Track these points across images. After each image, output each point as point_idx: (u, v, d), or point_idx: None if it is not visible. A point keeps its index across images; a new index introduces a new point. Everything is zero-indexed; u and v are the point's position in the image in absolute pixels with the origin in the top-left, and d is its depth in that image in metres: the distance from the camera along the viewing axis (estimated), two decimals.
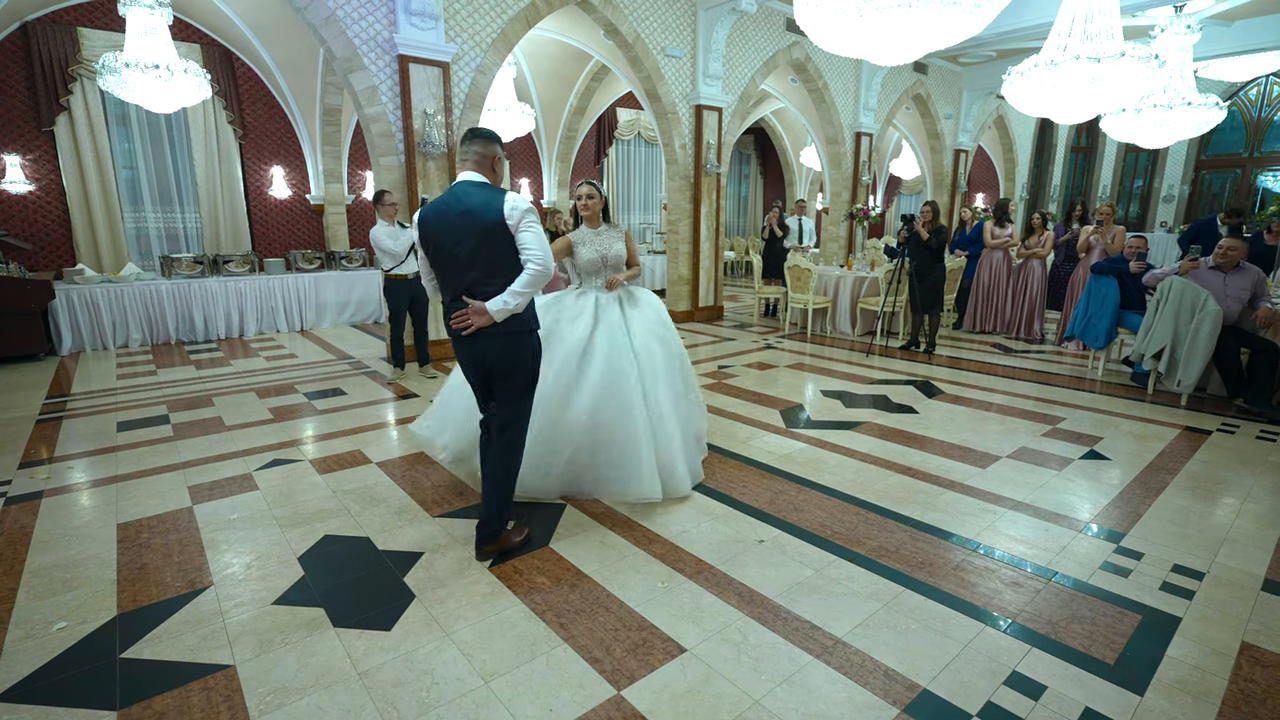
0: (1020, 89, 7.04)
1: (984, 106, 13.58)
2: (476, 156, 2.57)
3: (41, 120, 7.39)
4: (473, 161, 2.57)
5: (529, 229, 2.46)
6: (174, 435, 4.34)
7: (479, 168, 2.58)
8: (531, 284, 2.45)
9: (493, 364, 2.62)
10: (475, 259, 2.49)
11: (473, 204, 2.46)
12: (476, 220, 2.45)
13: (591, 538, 2.94)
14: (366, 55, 5.86)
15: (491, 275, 2.49)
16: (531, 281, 2.44)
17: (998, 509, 3.24)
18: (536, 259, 2.44)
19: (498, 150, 2.63)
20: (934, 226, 6.73)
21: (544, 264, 2.44)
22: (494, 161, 2.62)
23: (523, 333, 2.61)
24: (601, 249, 3.49)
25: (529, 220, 2.46)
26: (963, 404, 5.11)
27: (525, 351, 2.64)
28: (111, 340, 7.13)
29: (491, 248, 2.47)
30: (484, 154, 2.58)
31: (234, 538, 2.95)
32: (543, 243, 2.47)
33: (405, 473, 3.70)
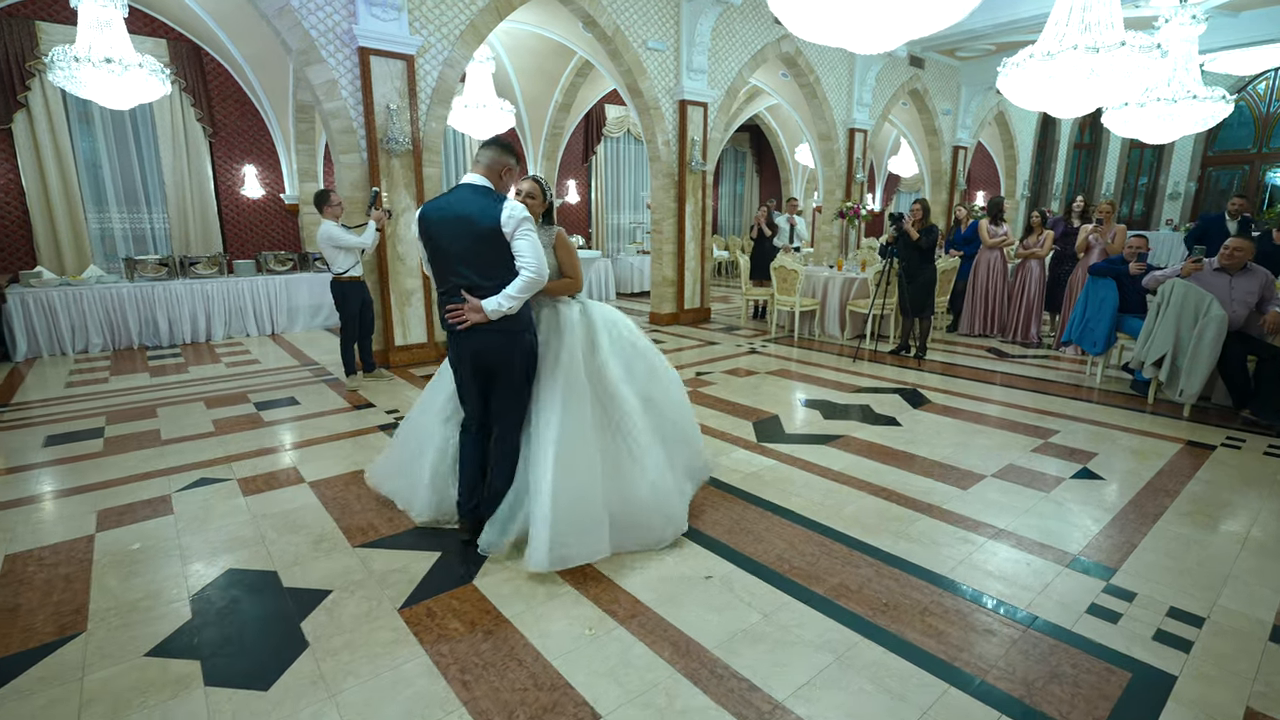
0: (1016, 81, 6.72)
1: (983, 102, 13.23)
2: (488, 161, 2.63)
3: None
4: (483, 166, 2.63)
5: (524, 237, 2.50)
6: (102, 451, 4.08)
7: (487, 173, 2.62)
8: (525, 289, 2.52)
9: (488, 360, 2.67)
10: (470, 260, 2.56)
11: (471, 210, 2.52)
12: (473, 226, 2.51)
13: (521, 574, 2.65)
14: (324, 47, 5.57)
15: (486, 277, 2.56)
16: (525, 287, 2.52)
17: (976, 538, 2.93)
18: (530, 267, 2.51)
19: (512, 163, 2.67)
20: (924, 225, 6.42)
21: (537, 271, 2.52)
22: (504, 170, 2.65)
23: (517, 332, 2.66)
24: None
25: (524, 229, 2.50)
26: (950, 415, 4.81)
27: (520, 350, 2.69)
28: (70, 346, 6.88)
29: (486, 252, 2.53)
30: (496, 161, 2.63)
31: (127, 572, 2.67)
32: (537, 251, 2.52)
33: (338, 494, 3.42)
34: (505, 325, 2.61)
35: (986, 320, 7.87)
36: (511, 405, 2.78)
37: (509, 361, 2.68)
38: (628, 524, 2.75)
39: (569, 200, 12.70)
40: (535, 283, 2.52)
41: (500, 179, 2.65)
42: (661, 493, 2.87)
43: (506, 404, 2.77)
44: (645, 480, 2.84)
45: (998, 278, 7.74)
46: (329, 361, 6.57)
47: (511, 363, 2.69)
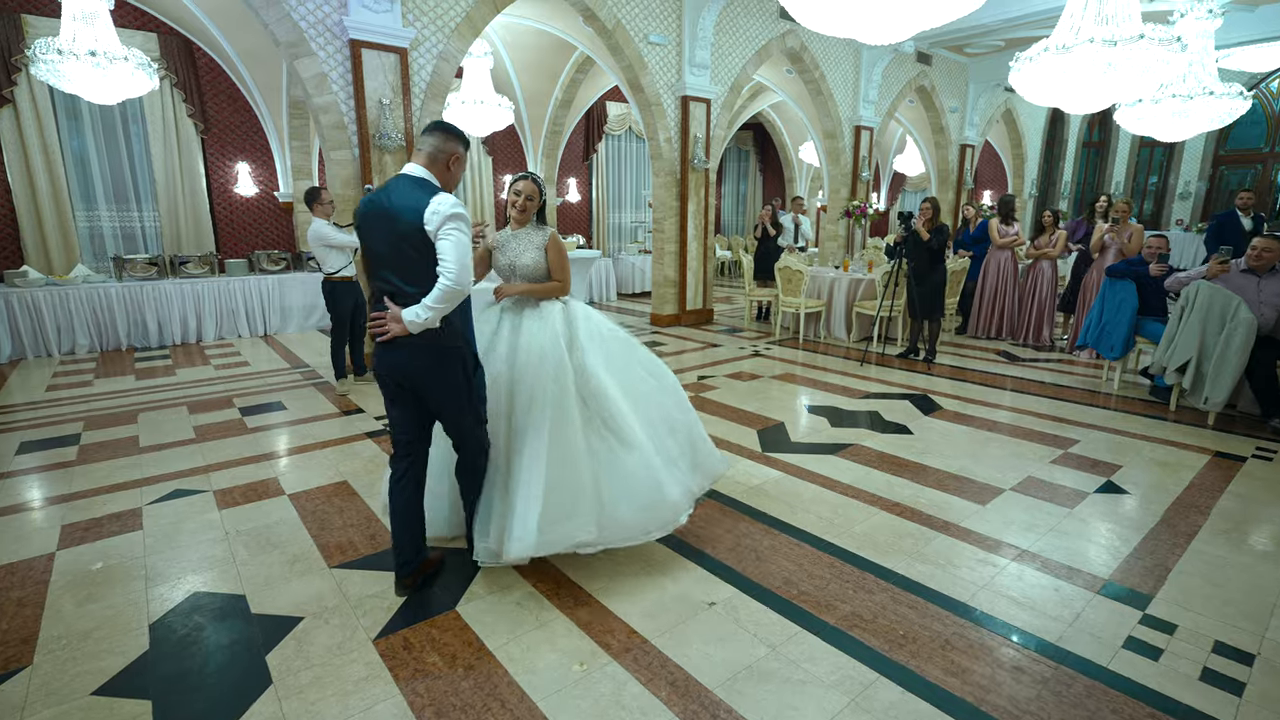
0: (1029, 76, 6.50)
1: (991, 100, 13.00)
2: (430, 150, 2.29)
3: None
4: (425, 154, 2.29)
5: (448, 236, 2.13)
6: (76, 460, 3.89)
7: (429, 163, 2.29)
8: (442, 300, 2.13)
9: (411, 379, 2.32)
10: (392, 263, 2.22)
11: (397, 204, 2.17)
12: (394, 222, 2.17)
13: (508, 597, 2.46)
14: (314, 40, 5.39)
15: (409, 282, 2.20)
16: (442, 297, 2.13)
17: (999, 560, 2.73)
18: (449, 273, 2.12)
19: (458, 149, 2.33)
20: (934, 225, 6.21)
21: (456, 279, 2.12)
22: (450, 160, 2.31)
23: (446, 348, 2.28)
24: (512, 255, 2.74)
25: (450, 227, 2.13)
26: (963, 422, 4.60)
27: (451, 369, 2.31)
28: (56, 347, 6.71)
29: (408, 252, 2.18)
30: (439, 149, 2.29)
31: (85, 595, 2.49)
32: (460, 254, 2.14)
33: (318, 507, 3.23)
34: (431, 340, 2.23)
35: (996, 322, 7.66)
36: (465, 427, 2.40)
37: (438, 381, 2.30)
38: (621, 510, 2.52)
39: (569, 199, 12.51)
40: (453, 293, 2.12)
41: (448, 169, 2.32)
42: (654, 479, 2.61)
43: (458, 427, 2.41)
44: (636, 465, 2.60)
45: (1008, 279, 7.53)
46: (320, 364, 6.39)
47: (442, 382, 2.31)
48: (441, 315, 2.16)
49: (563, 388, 2.56)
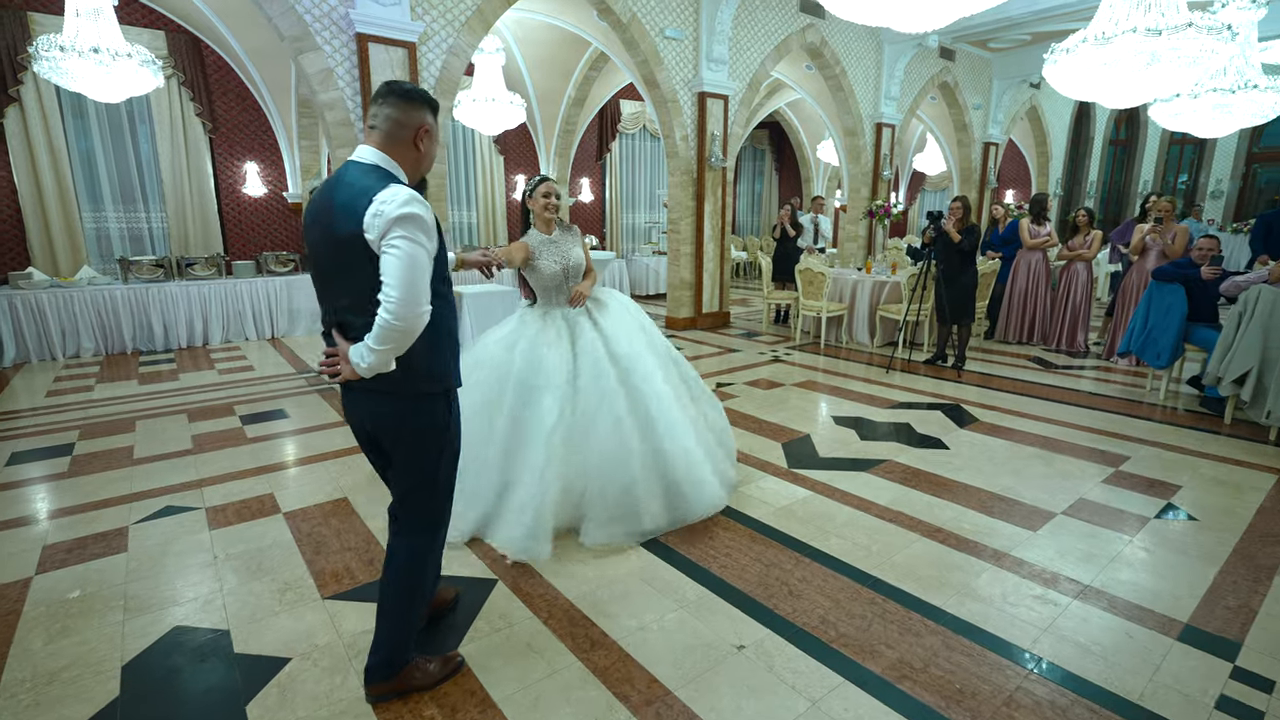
0: (1065, 69, 6.19)
1: (1016, 96, 12.63)
2: (386, 124, 1.67)
3: None
4: (379, 132, 1.68)
5: (392, 249, 1.53)
6: (67, 472, 3.72)
7: (387, 143, 1.69)
8: (384, 339, 1.56)
9: (374, 432, 1.82)
10: (338, 281, 1.69)
11: (338, 200, 1.62)
12: (332, 226, 1.62)
13: (517, 638, 2.23)
14: (320, 34, 5.20)
15: (356, 309, 1.65)
16: (383, 336, 1.55)
17: (1059, 597, 2.46)
18: (389, 302, 1.52)
19: (425, 118, 1.71)
20: (965, 225, 5.91)
21: (398, 311, 1.52)
22: (418, 134, 1.70)
23: (412, 396, 1.75)
24: (561, 258, 2.95)
25: (396, 235, 1.53)
26: (1001, 435, 4.32)
27: (420, 422, 1.77)
28: (60, 350, 6.59)
29: (352, 269, 1.62)
30: (399, 122, 1.67)
31: (58, 629, 2.29)
32: (408, 275, 1.53)
33: (315, 528, 3.02)
34: (390, 385, 1.70)
35: (1027, 327, 7.33)
36: (419, 498, 1.86)
37: (401, 437, 1.77)
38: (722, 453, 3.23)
39: (582, 199, 12.30)
40: (395, 331, 1.54)
41: (415, 148, 1.72)
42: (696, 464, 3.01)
43: (411, 496, 1.87)
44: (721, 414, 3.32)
45: (1040, 281, 7.21)
46: None
47: (404, 439, 1.77)
48: (390, 357, 1.60)
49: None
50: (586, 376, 2.87)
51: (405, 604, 1.90)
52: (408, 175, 1.74)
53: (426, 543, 1.92)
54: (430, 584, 1.99)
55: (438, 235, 1.67)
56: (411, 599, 1.91)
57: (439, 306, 1.69)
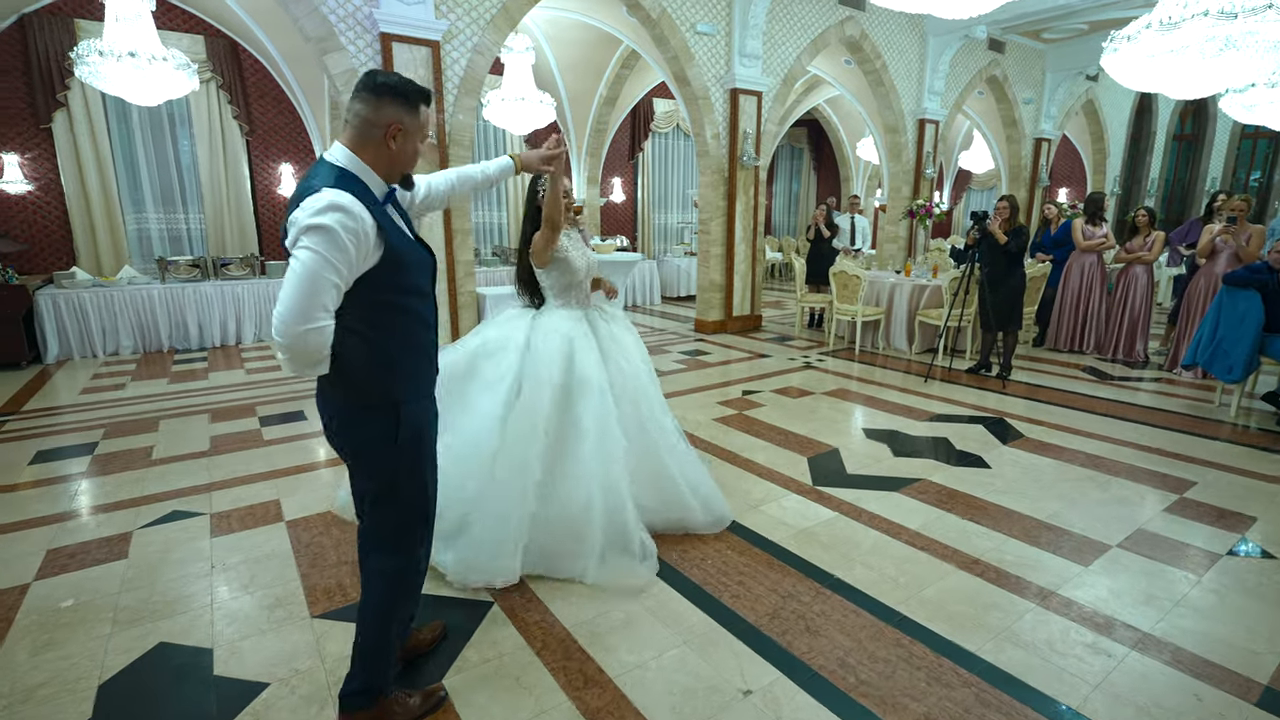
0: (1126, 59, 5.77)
1: (1070, 89, 11.97)
2: (355, 121, 1.55)
3: (39, 117, 7.11)
4: (350, 129, 1.56)
5: (292, 259, 1.44)
6: (86, 472, 3.74)
7: (358, 142, 1.56)
8: (279, 352, 1.48)
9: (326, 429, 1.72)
10: None
11: (291, 202, 1.52)
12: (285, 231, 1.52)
13: (507, 670, 2.08)
14: (344, 34, 5.18)
15: None
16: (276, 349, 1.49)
17: (1114, 647, 2.18)
18: (275, 318, 1.43)
19: (399, 115, 1.55)
20: (1012, 226, 5.55)
21: (280, 329, 1.42)
22: (389, 132, 1.55)
23: (361, 407, 1.64)
24: (584, 254, 2.84)
25: (300, 245, 1.42)
26: (1049, 453, 3.99)
27: (363, 430, 1.65)
28: (101, 348, 6.76)
29: None
30: (367, 120, 1.54)
31: (45, 641, 2.23)
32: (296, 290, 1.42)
33: (314, 538, 2.94)
34: (343, 394, 1.63)
35: (1080, 335, 6.88)
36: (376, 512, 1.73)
37: (341, 439, 1.69)
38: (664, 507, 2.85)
39: (614, 199, 12.17)
40: (282, 348, 1.45)
41: (388, 146, 1.57)
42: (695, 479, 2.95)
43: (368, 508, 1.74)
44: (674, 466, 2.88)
45: (1094, 285, 6.75)
46: None
47: (344, 441, 1.69)
48: (297, 368, 1.50)
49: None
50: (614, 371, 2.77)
51: (377, 630, 1.77)
52: (381, 174, 1.61)
53: (397, 564, 1.77)
54: (406, 610, 1.86)
55: (382, 243, 1.55)
56: (383, 625, 1.77)
57: (394, 319, 1.63)
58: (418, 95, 1.60)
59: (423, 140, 1.66)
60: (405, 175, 1.69)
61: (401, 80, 1.57)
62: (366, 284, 1.55)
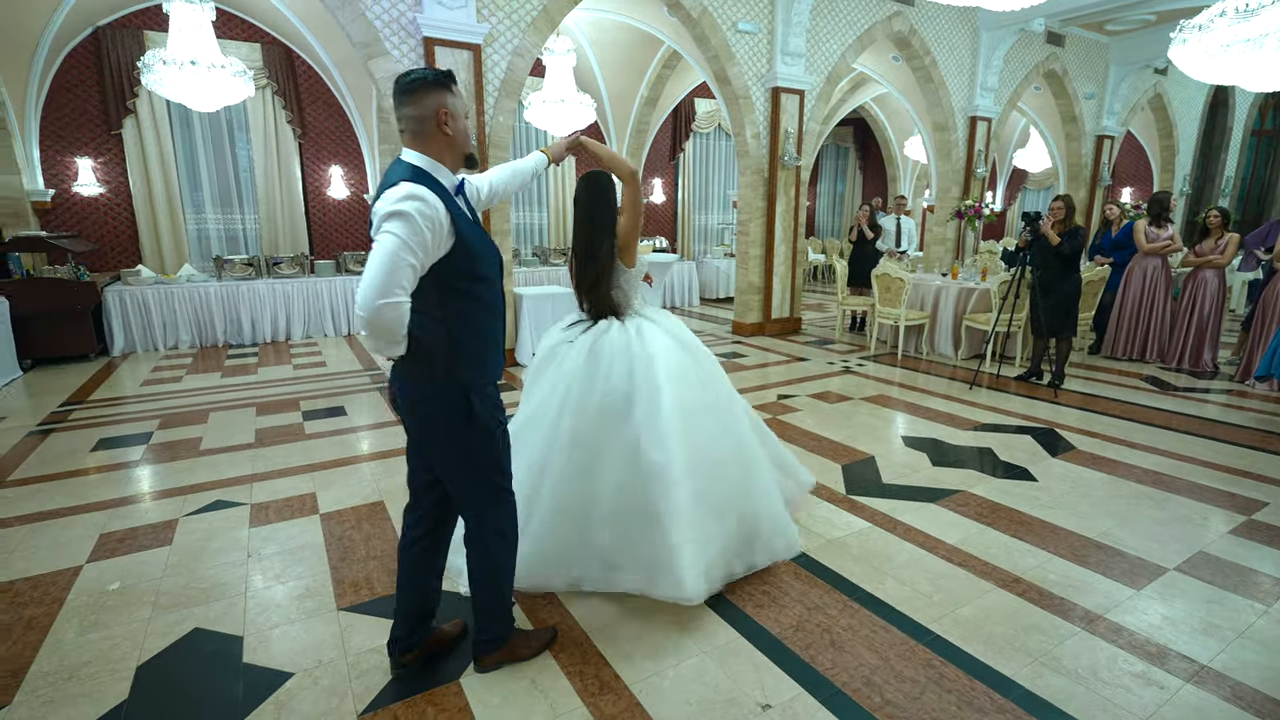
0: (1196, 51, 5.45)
1: (1136, 83, 11.37)
2: (410, 124, 1.69)
3: (111, 123, 7.52)
4: (408, 134, 1.71)
5: (375, 243, 1.58)
6: (140, 460, 3.93)
7: (418, 141, 1.70)
8: (360, 325, 1.59)
9: (404, 418, 1.88)
10: None
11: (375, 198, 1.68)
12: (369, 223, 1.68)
13: (522, 672, 2.07)
14: (389, 39, 5.31)
15: None
16: (359, 325, 1.64)
17: (1166, 678, 2.04)
18: (358, 294, 1.56)
19: (441, 99, 1.69)
20: (1067, 228, 5.28)
21: (362, 303, 1.54)
22: (440, 120, 1.69)
23: (434, 388, 1.76)
24: None
25: (382, 230, 1.57)
26: (1102, 467, 3.77)
27: (435, 409, 1.78)
28: (162, 342, 7.11)
29: None
30: (417, 116, 1.68)
31: (92, 621, 2.34)
32: (380, 271, 1.54)
33: (347, 532, 3.01)
34: (414, 370, 1.75)
35: (1141, 341, 6.51)
36: (458, 488, 1.90)
37: (425, 430, 1.83)
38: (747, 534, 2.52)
39: (654, 200, 12.14)
40: (362, 320, 1.56)
41: (441, 132, 1.70)
42: None
43: (452, 486, 1.90)
44: None
45: (1158, 290, 6.37)
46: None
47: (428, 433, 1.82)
48: (377, 344, 1.64)
49: None
50: None
51: (493, 580, 1.99)
52: (449, 163, 1.76)
53: (480, 521, 1.93)
54: (511, 560, 2.03)
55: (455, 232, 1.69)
56: (495, 574, 1.98)
57: (465, 306, 1.76)
58: (446, 76, 1.74)
59: (467, 117, 1.80)
60: (469, 158, 1.84)
61: (424, 70, 1.72)
62: (441, 271, 1.69)
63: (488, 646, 2.04)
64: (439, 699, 1.95)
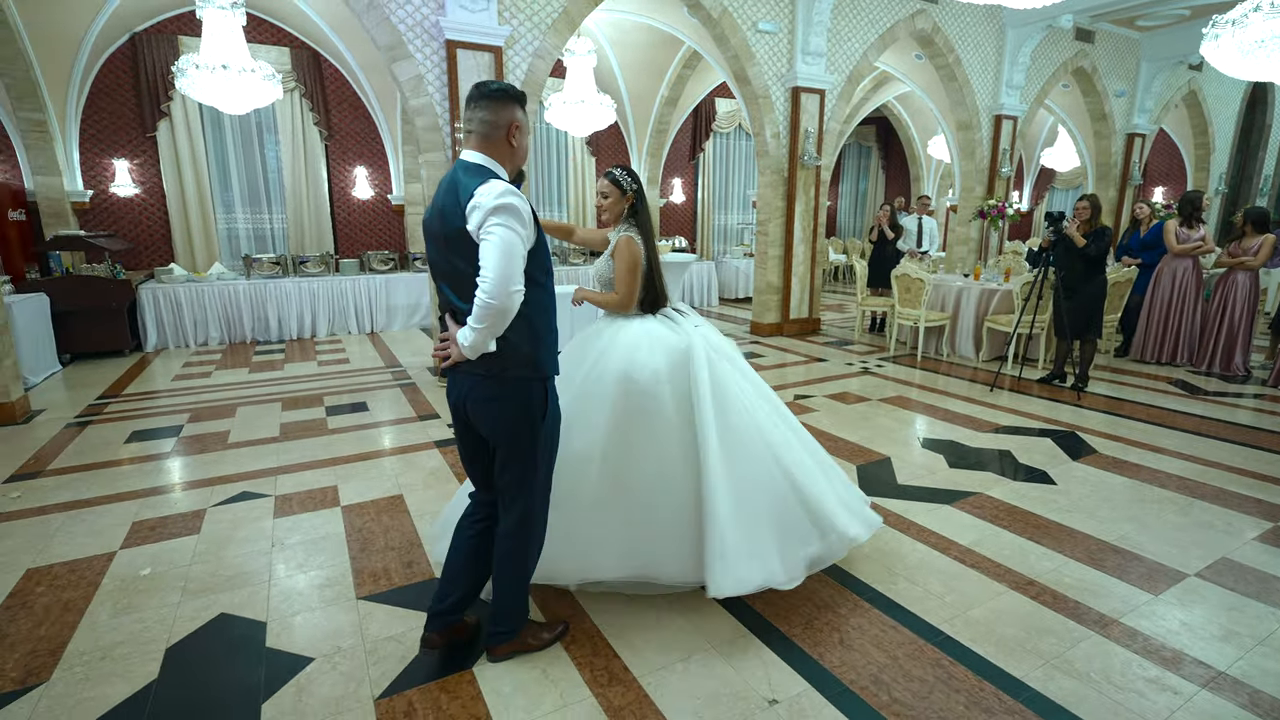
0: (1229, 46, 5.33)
1: (1170, 80, 11.10)
2: (481, 128, 1.83)
3: (146, 126, 7.77)
4: (477, 135, 1.84)
5: (489, 236, 1.69)
6: (170, 452, 4.06)
7: (485, 144, 1.85)
8: (482, 318, 1.71)
9: (472, 414, 1.93)
10: (445, 271, 1.88)
11: (440, 201, 1.82)
12: (442, 222, 1.80)
13: (534, 662, 2.12)
14: (412, 42, 5.41)
15: (462, 296, 1.83)
16: (481, 315, 1.71)
17: (1181, 684, 2.01)
18: (485, 282, 1.68)
19: (515, 114, 1.86)
20: (1092, 228, 5.19)
21: (492, 291, 1.67)
22: (510, 131, 1.86)
23: (515, 380, 1.88)
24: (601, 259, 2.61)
25: (492, 224, 1.68)
26: (1124, 472, 3.71)
27: (518, 405, 1.90)
28: (193, 338, 7.32)
29: (455, 260, 1.81)
30: (492, 123, 1.83)
31: (125, 605, 2.44)
32: (502, 259, 1.67)
33: (366, 523, 3.09)
34: (493, 368, 1.84)
35: (1170, 345, 6.37)
36: (515, 480, 1.96)
37: (496, 417, 1.89)
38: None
39: (674, 200, 12.16)
40: (491, 310, 1.69)
41: (508, 144, 1.86)
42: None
43: (508, 478, 1.97)
44: None
45: (1188, 292, 6.23)
46: (413, 364, 6.48)
47: (499, 419, 1.89)
48: (489, 336, 1.75)
49: None
50: None
51: (516, 573, 2.05)
52: (508, 170, 1.88)
53: (525, 516, 1.99)
54: (536, 554, 2.09)
55: (536, 227, 1.82)
56: (520, 568, 2.05)
57: (538, 295, 1.86)
58: (524, 96, 1.91)
59: (529, 135, 1.95)
60: (520, 173, 1.96)
61: (509, 85, 1.86)
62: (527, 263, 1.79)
63: (503, 637, 2.09)
64: (452, 686, 2.01)
